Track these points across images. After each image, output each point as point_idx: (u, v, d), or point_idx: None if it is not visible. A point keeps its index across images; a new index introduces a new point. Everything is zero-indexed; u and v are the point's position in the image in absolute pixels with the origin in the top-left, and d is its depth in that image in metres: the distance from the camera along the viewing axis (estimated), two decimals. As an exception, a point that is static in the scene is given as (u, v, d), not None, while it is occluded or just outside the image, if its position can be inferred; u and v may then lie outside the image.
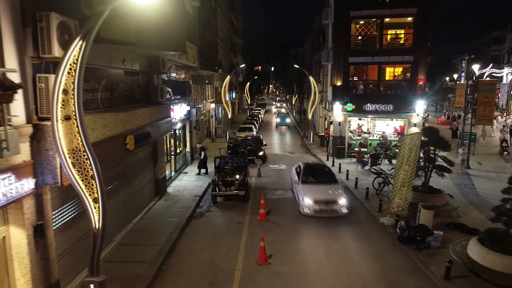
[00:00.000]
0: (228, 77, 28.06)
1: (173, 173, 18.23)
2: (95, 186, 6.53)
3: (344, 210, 12.86)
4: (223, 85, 28.35)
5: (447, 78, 49.11)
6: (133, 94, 12.75)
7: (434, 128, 13.54)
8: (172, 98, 16.68)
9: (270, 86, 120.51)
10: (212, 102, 30.65)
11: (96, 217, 6.63)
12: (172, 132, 18.12)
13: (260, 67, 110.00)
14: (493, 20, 64.86)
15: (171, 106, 16.24)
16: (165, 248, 10.20)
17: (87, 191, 6.53)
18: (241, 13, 61.94)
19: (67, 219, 8.19)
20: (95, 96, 9.59)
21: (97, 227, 6.64)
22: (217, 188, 14.52)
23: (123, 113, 9.82)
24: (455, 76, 41.52)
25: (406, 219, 11.47)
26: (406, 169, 11.90)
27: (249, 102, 62.52)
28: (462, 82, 36.96)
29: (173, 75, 16.92)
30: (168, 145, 17.04)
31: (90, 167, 6.44)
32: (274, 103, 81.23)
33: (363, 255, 10.23)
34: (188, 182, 17.54)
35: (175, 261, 9.90)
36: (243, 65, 34.55)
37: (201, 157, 18.81)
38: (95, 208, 6.61)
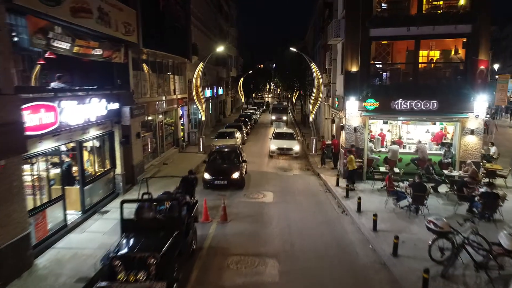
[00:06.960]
0: (201, 65, 20.49)
1: (78, 215, 10.71)
2: None
3: None
4: (195, 76, 20.75)
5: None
6: None
7: None
8: (57, 85, 9.08)
9: (272, 85, 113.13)
10: (182, 99, 23.03)
11: None
12: (75, 145, 10.61)
13: (262, 65, 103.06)
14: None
15: (49, 102, 8.68)
16: None
17: None
18: (235, 1, 54.45)
19: None
20: None
21: None
22: (113, 273, 6.88)
23: None
24: (496, 66, 33.59)
25: None
26: None
27: (243, 101, 54.75)
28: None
29: (63, 46, 9.33)
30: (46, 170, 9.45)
31: None
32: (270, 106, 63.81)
33: None
34: (93, 236, 9.86)
35: None
36: (221, 47, 26.44)
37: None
38: None
